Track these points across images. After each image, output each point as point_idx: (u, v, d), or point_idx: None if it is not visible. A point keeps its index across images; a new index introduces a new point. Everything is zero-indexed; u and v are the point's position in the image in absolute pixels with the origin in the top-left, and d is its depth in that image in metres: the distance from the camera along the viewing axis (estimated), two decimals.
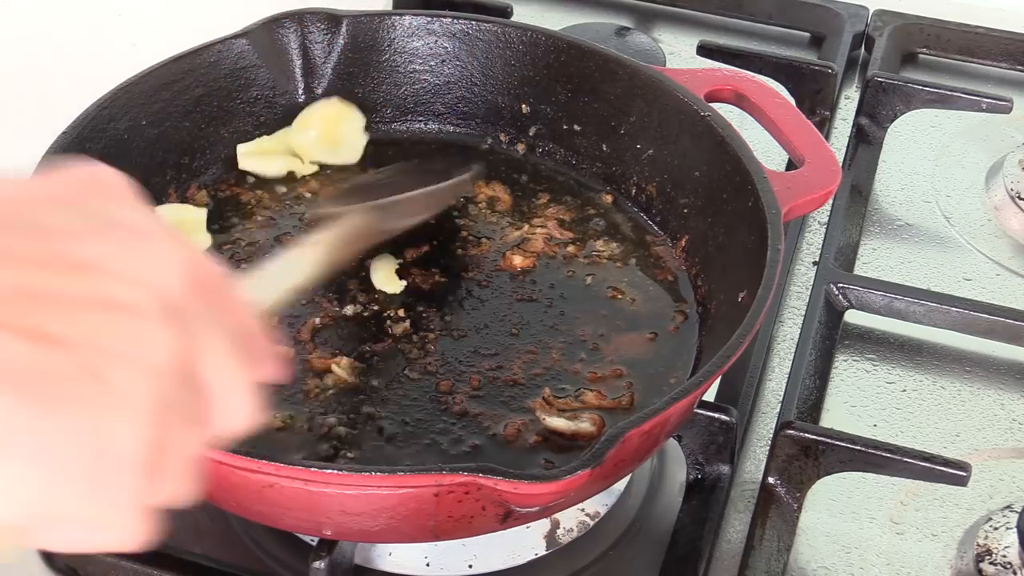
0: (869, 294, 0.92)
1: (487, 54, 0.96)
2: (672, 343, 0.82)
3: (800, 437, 0.79)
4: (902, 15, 1.24)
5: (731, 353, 0.69)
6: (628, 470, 0.74)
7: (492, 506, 0.64)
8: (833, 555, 0.78)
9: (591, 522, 0.78)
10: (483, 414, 0.75)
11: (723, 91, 0.89)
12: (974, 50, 1.23)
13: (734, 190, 0.82)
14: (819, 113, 1.12)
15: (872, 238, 1.03)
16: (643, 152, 0.91)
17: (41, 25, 1.23)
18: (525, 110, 0.96)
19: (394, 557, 0.75)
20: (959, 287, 0.97)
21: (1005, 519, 0.78)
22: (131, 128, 0.86)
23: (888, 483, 0.81)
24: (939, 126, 1.15)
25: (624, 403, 0.77)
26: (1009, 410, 0.88)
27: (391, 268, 0.85)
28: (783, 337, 0.93)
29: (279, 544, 0.76)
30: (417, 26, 0.96)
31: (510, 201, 0.92)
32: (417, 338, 0.81)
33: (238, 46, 0.92)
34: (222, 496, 0.68)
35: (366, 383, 0.77)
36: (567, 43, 0.94)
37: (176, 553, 0.73)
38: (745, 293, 0.76)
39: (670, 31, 1.27)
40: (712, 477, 0.80)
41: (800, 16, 1.26)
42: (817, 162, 0.83)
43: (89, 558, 0.73)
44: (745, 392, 0.85)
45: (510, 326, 0.82)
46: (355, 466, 0.70)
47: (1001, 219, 1.05)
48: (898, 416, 0.87)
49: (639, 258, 0.88)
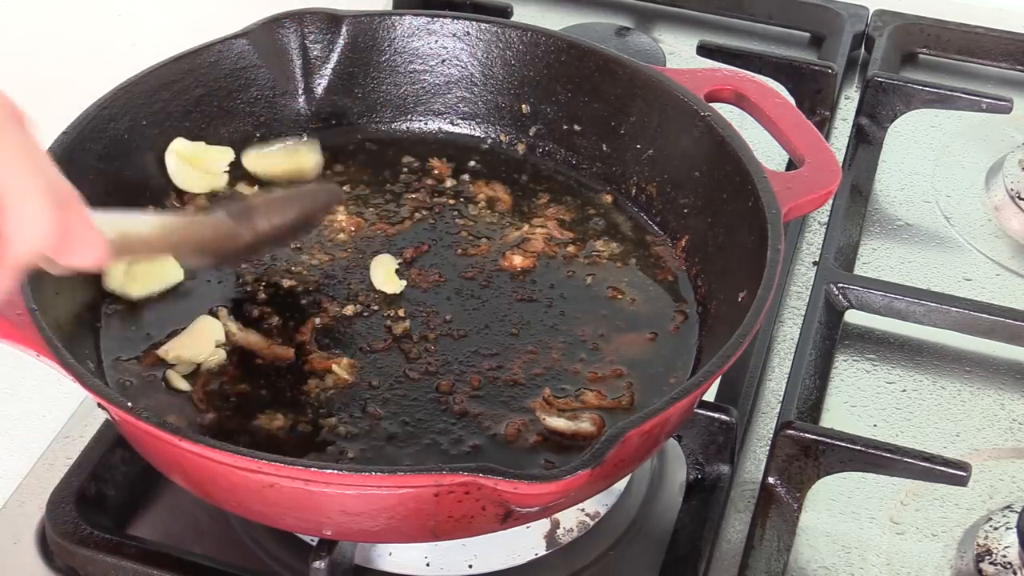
0: (869, 294, 0.92)
1: (487, 54, 0.96)
2: (672, 343, 0.82)
3: (800, 437, 0.79)
4: (902, 15, 1.24)
5: (731, 353, 0.69)
6: (628, 470, 0.74)
7: (492, 506, 0.64)
8: (833, 555, 0.78)
9: (591, 522, 0.78)
10: (483, 414, 0.75)
11: (723, 91, 0.89)
12: (974, 50, 1.23)
13: (734, 190, 0.82)
14: (819, 113, 1.13)
15: (872, 238, 1.03)
16: (643, 152, 0.91)
17: (41, 25, 1.23)
18: (525, 110, 0.96)
19: (394, 557, 0.75)
20: (959, 287, 0.98)
21: (1005, 519, 0.78)
22: (131, 128, 0.86)
23: (888, 483, 0.81)
24: (939, 126, 1.15)
25: (624, 403, 0.77)
26: (1009, 410, 0.88)
27: (391, 268, 0.85)
28: (783, 337, 0.93)
29: (279, 544, 0.76)
30: (417, 26, 0.96)
31: (510, 201, 0.92)
32: (417, 338, 0.81)
33: (238, 46, 0.92)
34: (222, 496, 0.68)
35: (366, 383, 0.77)
36: (567, 43, 0.94)
37: (176, 553, 0.73)
38: (745, 293, 0.76)
39: (670, 31, 1.27)
40: (712, 477, 0.80)
41: (800, 16, 1.26)
42: (817, 162, 0.83)
43: (89, 558, 0.73)
44: (745, 392, 0.85)
45: (510, 326, 0.82)
46: (355, 466, 0.70)
47: (1001, 219, 1.05)
48: (898, 416, 0.87)
49: (639, 258, 0.88)
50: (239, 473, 0.64)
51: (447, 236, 0.89)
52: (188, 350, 0.77)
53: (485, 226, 0.90)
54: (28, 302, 0.69)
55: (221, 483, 0.66)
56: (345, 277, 0.85)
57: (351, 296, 0.83)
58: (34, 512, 0.77)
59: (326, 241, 0.87)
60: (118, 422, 0.71)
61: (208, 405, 0.75)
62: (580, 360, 0.80)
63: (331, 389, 0.77)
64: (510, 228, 0.90)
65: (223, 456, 0.63)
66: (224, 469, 0.64)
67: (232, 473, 0.64)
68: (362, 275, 0.85)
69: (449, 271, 0.86)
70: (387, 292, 0.84)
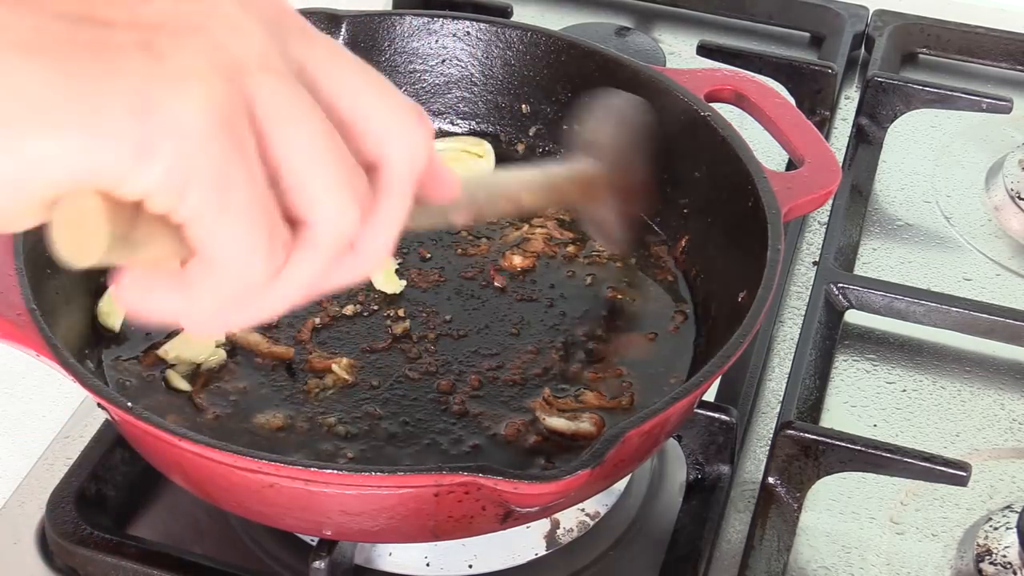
0: (869, 294, 0.92)
1: (487, 54, 0.96)
2: (672, 343, 0.82)
3: (800, 437, 0.79)
4: (902, 15, 1.24)
5: (731, 353, 0.69)
6: (628, 470, 0.74)
7: (492, 506, 0.64)
8: (833, 555, 0.78)
9: (591, 522, 0.78)
10: (483, 414, 0.75)
11: (723, 91, 0.89)
12: (974, 50, 1.23)
13: (734, 190, 0.82)
14: (819, 113, 1.12)
15: (872, 238, 1.03)
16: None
17: None
18: (525, 110, 0.96)
19: (394, 557, 0.75)
20: (959, 287, 0.97)
21: (1005, 519, 0.78)
22: None
23: (888, 483, 0.81)
24: (939, 126, 1.15)
25: (624, 403, 0.77)
26: (1009, 410, 0.88)
27: (391, 268, 0.85)
28: (783, 337, 0.93)
29: (279, 544, 0.76)
30: (417, 26, 0.96)
31: None
32: (417, 338, 0.81)
33: None
34: (222, 496, 0.68)
35: (366, 383, 0.77)
36: (567, 43, 0.94)
37: (176, 553, 0.73)
38: (745, 293, 0.76)
39: (670, 31, 1.27)
40: (712, 477, 0.80)
41: (800, 16, 1.26)
42: (817, 162, 0.83)
43: (89, 558, 0.73)
44: (745, 392, 0.85)
45: (510, 326, 0.82)
46: (355, 466, 0.70)
47: (1001, 219, 1.05)
48: (898, 416, 0.87)
49: (639, 258, 0.88)
50: (239, 473, 0.64)
51: (447, 236, 0.89)
52: (188, 350, 0.77)
53: (485, 226, 0.90)
54: (28, 302, 0.69)
55: (221, 483, 0.66)
56: None
57: (351, 296, 0.83)
58: (34, 512, 0.77)
59: None
60: (118, 422, 0.71)
61: (208, 405, 0.75)
62: (580, 360, 0.80)
63: (331, 389, 0.77)
64: (510, 228, 0.90)
65: (223, 456, 0.63)
66: (224, 469, 0.64)
67: (232, 473, 0.64)
68: None
69: (449, 271, 0.86)
70: (387, 292, 0.84)
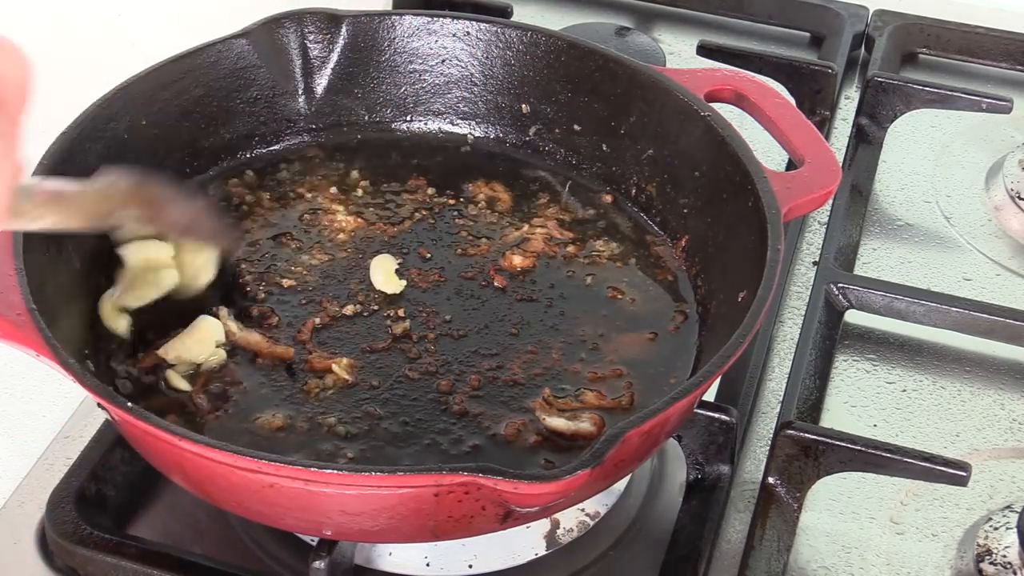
0: (869, 294, 0.92)
1: (487, 54, 0.96)
2: (672, 343, 0.82)
3: (800, 437, 0.79)
4: (902, 15, 1.24)
5: (731, 353, 0.69)
6: (628, 470, 0.74)
7: (492, 506, 0.64)
8: (833, 555, 0.78)
9: (591, 522, 0.78)
10: (483, 414, 0.75)
11: (723, 91, 0.89)
12: (974, 50, 1.23)
13: (734, 190, 0.82)
14: (819, 113, 1.13)
15: (872, 238, 1.03)
16: (643, 152, 0.91)
17: (41, 25, 1.23)
18: (525, 110, 0.96)
19: (394, 557, 0.75)
20: (959, 287, 0.98)
21: (1005, 519, 0.78)
22: (131, 128, 0.86)
23: (888, 483, 0.81)
24: (939, 126, 1.15)
25: (624, 403, 0.77)
26: (1009, 410, 0.88)
27: (391, 268, 0.85)
28: (783, 337, 0.93)
29: (279, 544, 0.76)
30: (417, 26, 0.96)
31: (510, 201, 0.92)
32: (417, 338, 0.81)
33: (238, 46, 0.92)
34: (222, 496, 0.68)
35: (366, 383, 0.77)
36: (567, 43, 0.94)
37: (176, 553, 0.73)
38: (745, 293, 0.76)
39: (670, 31, 1.27)
40: (712, 477, 0.80)
41: (800, 16, 1.26)
42: (817, 162, 0.83)
43: (89, 558, 0.73)
44: (745, 392, 0.85)
45: (510, 326, 0.82)
46: (355, 466, 0.70)
47: (1001, 219, 1.05)
48: (898, 416, 0.87)
49: (639, 258, 0.88)
50: (239, 473, 0.64)
51: (447, 236, 0.89)
52: (188, 350, 0.77)
53: (485, 226, 0.90)
54: (28, 302, 0.69)
55: (221, 483, 0.66)
56: (345, 277, 0.85)
57: (351, 296, 0.83)
58: (34, 512, 0.77)
59: (326, 241, 0.87)
60: (118, 422, 0.71)
61: (208, 405, 0.75)
62: (580, 360, 0.80)
63: (331, 389, 0.77)
64: (510, 228, 0.90)
65: (223, 456, 0.63)
66: (224, 469, 0.64)
67: (232, 473, 0.64)
68: (362, 275, 0.85)
69: (449, 271, 0.86)
70: (387, 292, 0.84)
